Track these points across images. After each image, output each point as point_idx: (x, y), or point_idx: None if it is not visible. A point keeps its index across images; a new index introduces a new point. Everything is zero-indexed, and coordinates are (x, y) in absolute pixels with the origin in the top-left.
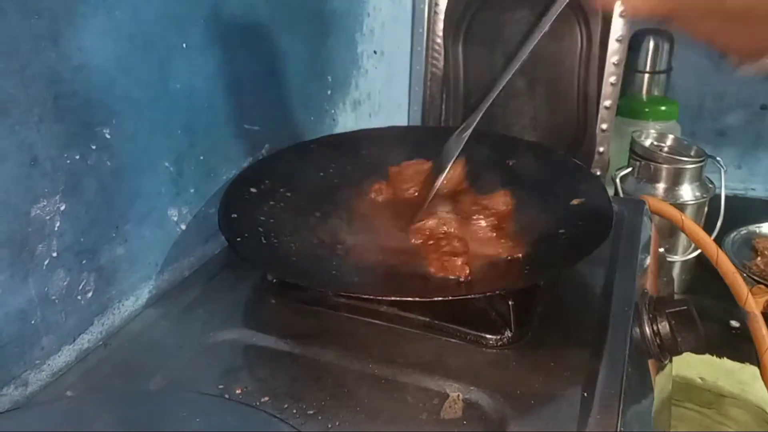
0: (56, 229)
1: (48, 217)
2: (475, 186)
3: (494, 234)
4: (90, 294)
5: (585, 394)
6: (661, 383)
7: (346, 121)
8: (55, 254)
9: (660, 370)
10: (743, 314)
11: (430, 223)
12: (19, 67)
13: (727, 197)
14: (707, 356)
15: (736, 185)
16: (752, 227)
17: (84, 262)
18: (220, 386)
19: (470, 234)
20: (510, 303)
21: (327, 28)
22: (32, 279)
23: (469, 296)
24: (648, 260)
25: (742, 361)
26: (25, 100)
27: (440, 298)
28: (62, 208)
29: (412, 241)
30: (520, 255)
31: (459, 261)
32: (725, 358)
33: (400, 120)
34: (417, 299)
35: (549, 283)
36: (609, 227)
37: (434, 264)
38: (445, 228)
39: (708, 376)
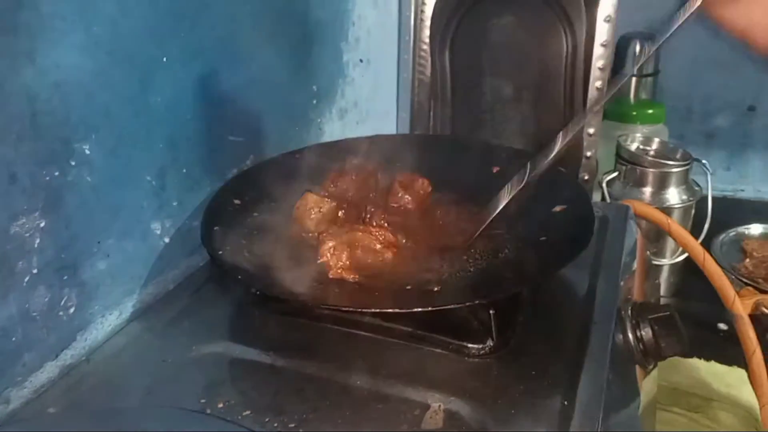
0: (36, 245)
1: (27, 234)
2: (459, 193)
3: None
4: (72, 309)
5: (565, 402)
6: (646, 388)
7: (333, 129)
8: (35, 271)
9: (645, 375)
10: (731, 317)
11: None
12: None
13: (716, 199)
14: (695, 359)
15: (725, 186)
16: (741, 229)
17: (65, 278)
18: (203, 400)
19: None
20: (491, 312)
21: (311, 37)
22: (12, 296)
23: (450, 306)
24: (634, 265)
25: (729, 364)
26: (2, 118)
27: (420, 309)
28: (42, 224)
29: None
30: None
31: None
32: (713, 361)
33: (389, 128)
34: (398, 311)
35: (531, 291)
36: (590, 234)
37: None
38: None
39: (696, 380)
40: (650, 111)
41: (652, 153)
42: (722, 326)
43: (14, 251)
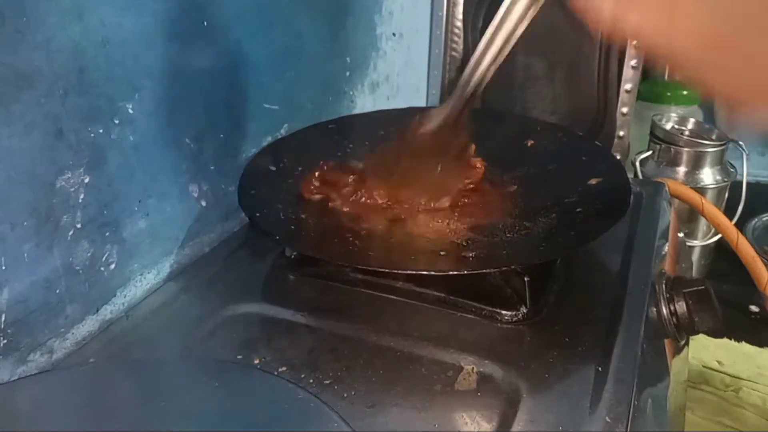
0: (80, 201)
1: (72, 189)
2: (492, 164)
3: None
4: (113, 266)
5: (599, 369)
6: (677, 366)
7: (365, 102)
8: (79, 225)
9: (677, 352)
10: (762, 299)
11: None
12: (45, 40)
13: (750, 184)
14: (725, 340)
15: (759, 172)
16: None
17: (107, 234)
18: (239, 356)
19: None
20: (525, 279)
21: (346, 9)
22: (57, 249)
23: (485, 270)
24: (666, 244)
25: (760, 345)
26: (51, 74)
27: (455, 272)
28: (86, 180)
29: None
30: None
31: None
32: (743, 342)
33: (419, 103)
34: (432, 273)
35: (565, 263)
36: (627, 204)
37: None
38: None
39: (726, 360)
40: (684, 92)
41: (687, 132)
42: (753, 308)
43: (60, 205)
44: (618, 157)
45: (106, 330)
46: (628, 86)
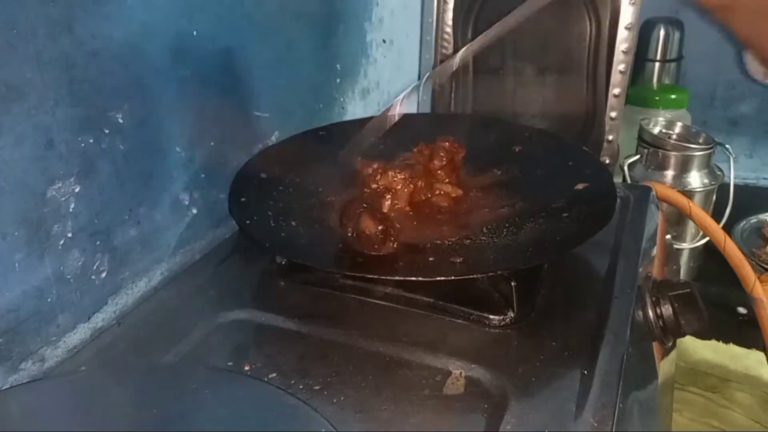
0: (71, 210)
1: (63, 199)
2: (479, 170)
3: None
4: (104, 274)
5: (585, 372)
6: (665, 368)
7: (355, 109)
8: (70, 235)
9: (665, 355)
10: (750, 301)
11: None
12: (36, 52)
13: (738, 186)
14: (713, 342)
15: (747, 174)
16: (762, 216)
17: (98, 243)
18: (230, 363)
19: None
20: (513, 284)
21: (336, 16)
22: (48, 258)
23: (472, 276)
24: (654, 247)
25: (748, 346)
26: (41, 85)
27: (443, 278)
28: (77, 190)
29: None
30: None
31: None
32: (731, 344)
33: (410, 110)
34: (420, 279)
35: (552, 268)
36: (612, 209)
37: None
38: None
39: (714, 361)
40: (673, 96)
41: (674, 136)
42: (741, 310)
43: (50, 214)
44: (607, 162)
45: (98, 338)
46: (616, 91)
